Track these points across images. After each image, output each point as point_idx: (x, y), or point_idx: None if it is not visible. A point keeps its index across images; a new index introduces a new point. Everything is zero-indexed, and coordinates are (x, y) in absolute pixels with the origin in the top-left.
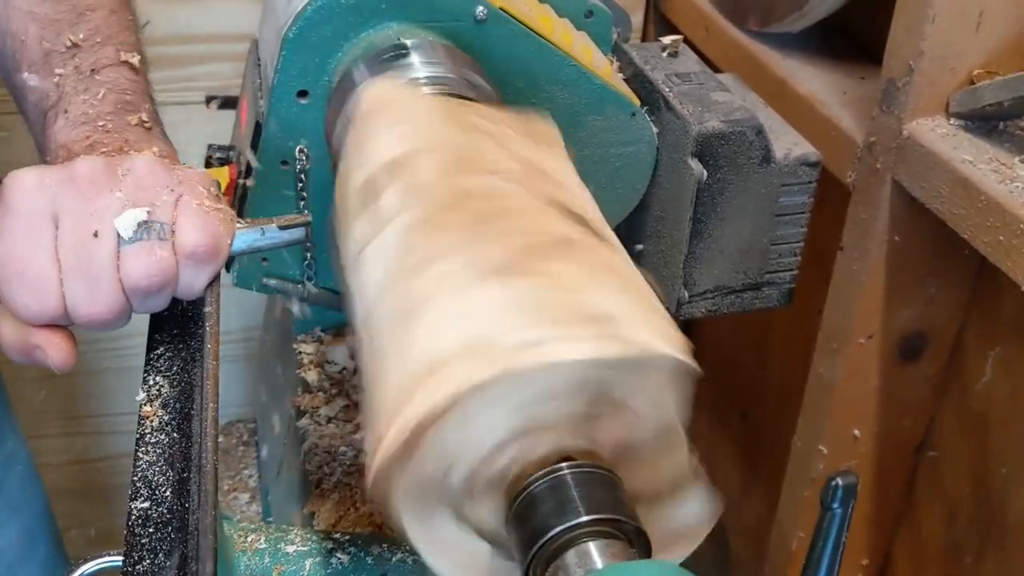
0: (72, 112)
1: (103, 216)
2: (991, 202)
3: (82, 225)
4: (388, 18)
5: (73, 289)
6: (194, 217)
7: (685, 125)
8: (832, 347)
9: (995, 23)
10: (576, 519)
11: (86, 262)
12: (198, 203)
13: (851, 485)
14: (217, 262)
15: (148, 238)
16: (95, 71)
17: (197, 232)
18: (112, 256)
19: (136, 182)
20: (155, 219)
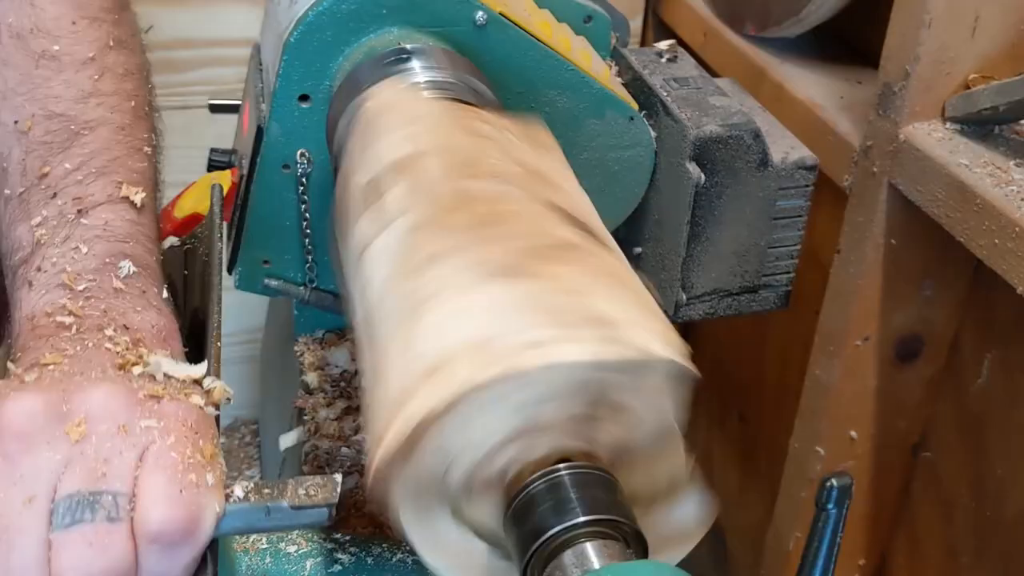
0: (46, 270)
1: (30, 488)
2: (987, 206)
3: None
4: (389, 23)
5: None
6: (164, 482)
7: (683, 129)
8: (829, 349)
9: (990, 28)
10: (573, 520)
11: (1, 555)
12: (172, 457)
13: (846, 486)
14: (195, 544)
15: (92, 519)
16: (82, 213)
17: (165, 505)
18: (38, 548)
19: (85, 432)
20: (105, 489)
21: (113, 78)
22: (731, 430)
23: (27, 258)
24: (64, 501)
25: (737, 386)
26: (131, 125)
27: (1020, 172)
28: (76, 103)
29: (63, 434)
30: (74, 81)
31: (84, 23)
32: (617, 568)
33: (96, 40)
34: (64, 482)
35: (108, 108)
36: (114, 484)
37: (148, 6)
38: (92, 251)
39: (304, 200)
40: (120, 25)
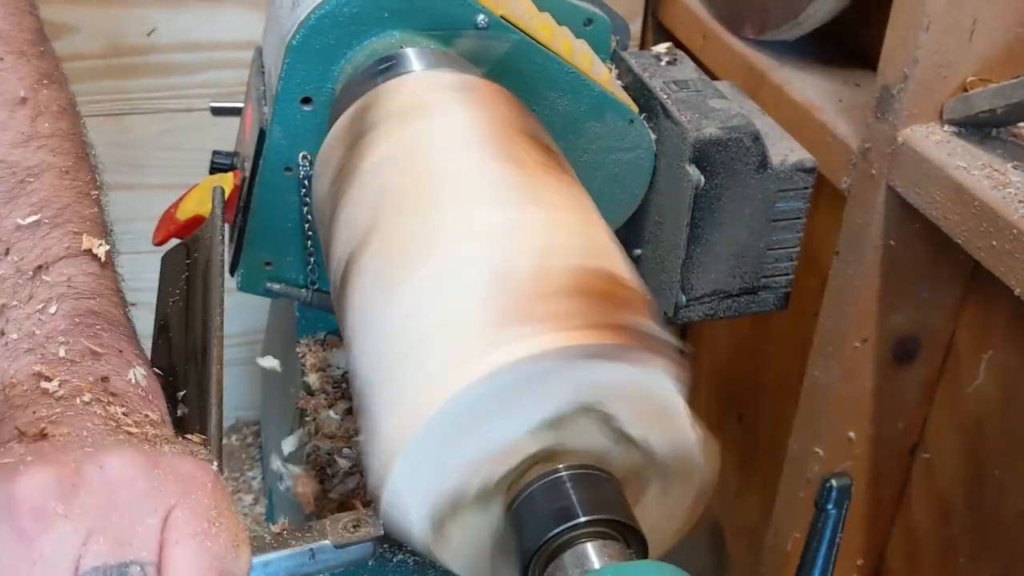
0: (10, 333)
1: (51, 567)
2: (984, 208)
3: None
4: (390, 26)
5: None
6: (192, 551)
7: (683, 132)
8: (828, 350)
9: (988, 32)
10: (574, 520)
11: None
12: (196, 522)
13: (845, 486)
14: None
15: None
16: (42, 269)
17: (194, 573)
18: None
19: (105, 500)
20: (132, 559)
21: (49, 117)
22: (730, 430)
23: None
24: (91, 574)
25: (736, 387)
26: (74, 168)
27: (1017, 174)
28: (14, 147)
29: (81, 506)
30: (9, 124)
31: (11, 59)
32: (617, 568)
33: (25, 77)
34: (87, 555)
35: (49, 151)
36: (140, 553)
37: (151, 9)
38: (60, 311)
39: (306, 202)
40: (45, 58)
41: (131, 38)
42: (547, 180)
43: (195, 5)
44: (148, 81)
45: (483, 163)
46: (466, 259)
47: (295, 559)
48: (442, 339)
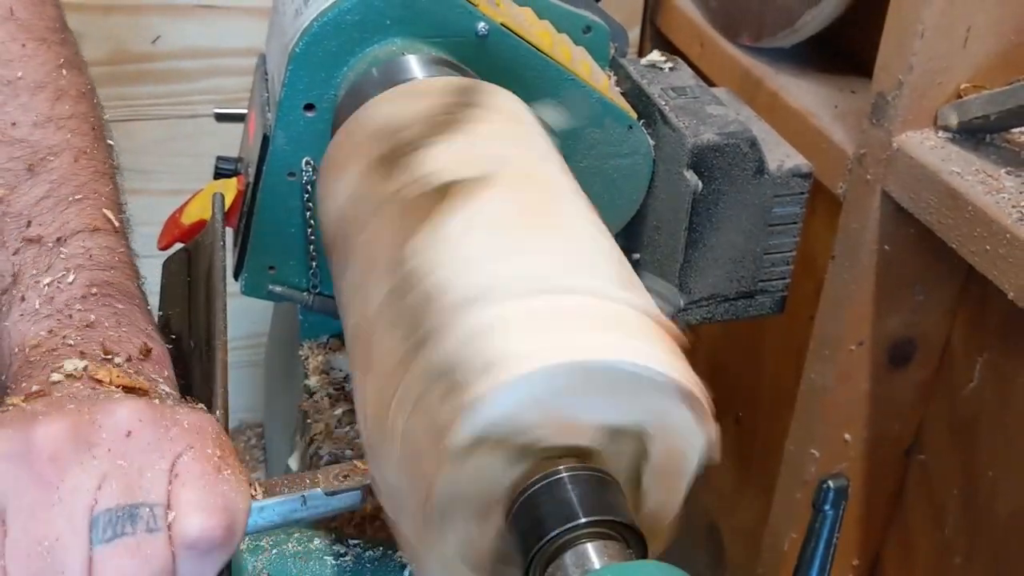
0: (31, 300)
1: (69, 508)
2: (978, 212)
3: (39, 524)
4: (392, 34)
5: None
6: (198, 490)
7: (681, 137)
8: (824, 353)
9: (982, 39)
10: (574, 521)
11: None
12: (202, 466)
13: (842, 487)
14: (230, 548)
15: (133, 531)
16: (61, 241)
17: (203, 512)
18: (82, 566)
19: (116, 448)
20: (143, 501)
21: (69, 100)
22: (728, 432)
23: (8, 288)
24: (104, 515)
25: (734, 389)
26: (92, 148)
27: (1011, 180)
28: (35, 128)
29: (95, 453)
30: (31, 105)
31: (33, 45)
32: (617, 568)
33: (47, 62)
34: (101, 499)
35: (69, 132)
36: (150, 496)
37: (156, 17)
38: (77, 280)
39: (309, 207)
40: (66, 45)
41: (136, 45)
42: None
43: (199, 13)
44: (153, 88)
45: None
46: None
47: (288, 505)
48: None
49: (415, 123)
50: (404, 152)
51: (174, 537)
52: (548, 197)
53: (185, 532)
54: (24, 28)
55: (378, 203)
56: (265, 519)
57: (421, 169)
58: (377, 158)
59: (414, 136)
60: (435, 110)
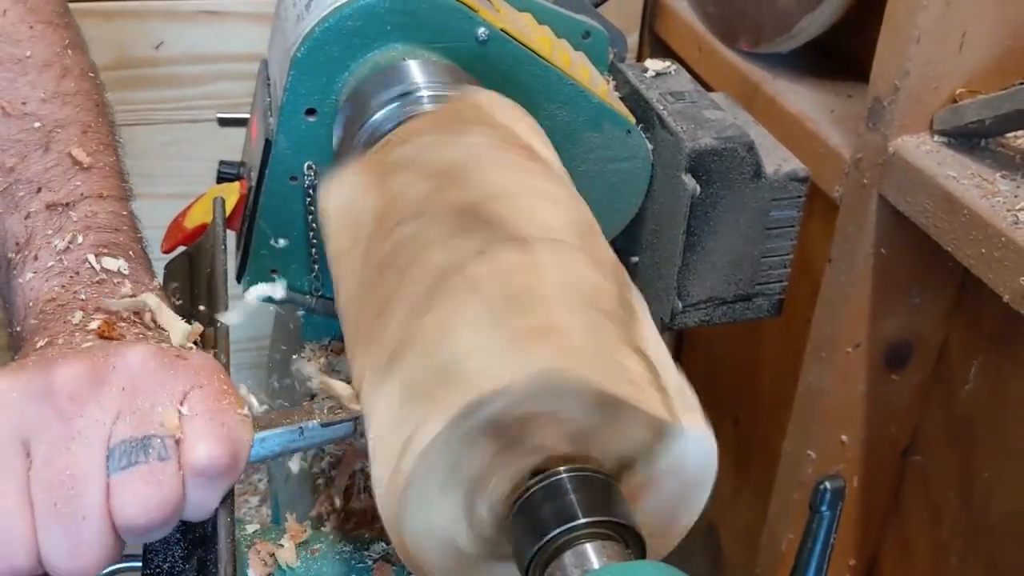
0: (43, 259)
1: (87, 440)
2: (974, 216)
3: (61, 454)
4: (393, 39)
5: (50, 538)
6: (205, 422)
7: (679, 142)
8: (821, 356)
9: (977, 44)
10: (573, 521)
11: (67, 502)
12: (208, 402)
13: (839, 489)
14: (235, 474)
15: (146, 460)
16: (70, 205)
17: (210, 442)
18: (100, 491)
19: (129, 387)
20: (154, 433)
21: (74, 78)
22: (726, 434)
23: (21, 248)
24: (119, 447)
25: (731, 391)
26: (95, 122)
27: (1006, 183)
28: (44, 103)
29: (110, 391)
30: (38, 82)
31: (40, 27)
32: (616, 568)
33: (54, 43)
34: (116, 432)
35: (74, 107)
36: (161, 429)
37: (159, 22)
38: (86, 241)
39: (311, 211)
40: (70, 28)
41: (139, 50)
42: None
43: (202, 18)
44: (156, 93)
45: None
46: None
47: (287, 435)
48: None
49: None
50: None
51: (184, 464)
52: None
53: (194, 460)
54: (32, 11)
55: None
56: (266, 449)
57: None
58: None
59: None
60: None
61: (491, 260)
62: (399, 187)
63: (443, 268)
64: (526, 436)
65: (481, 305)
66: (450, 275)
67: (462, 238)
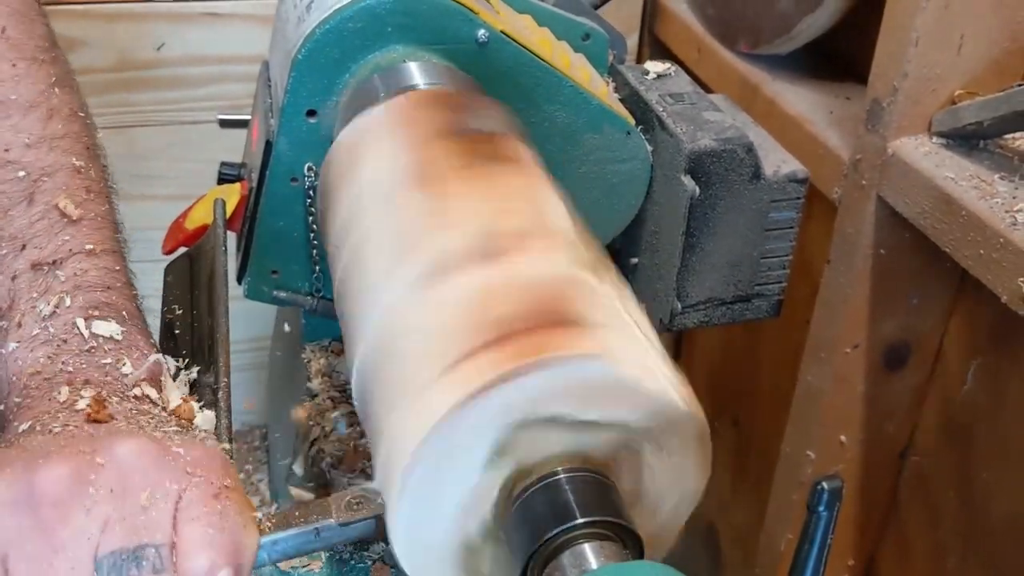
0: (27, 326)
1: (72, 555)
2: (972, 217)
3: (42, 572)
4: (393, 41)
5: None
6: (203, 527)
7: (678, 143)
8: (819, 356)
9: (975, 46)
10: (571, 521)
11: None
12: (207, 502)
13: (836, 489)
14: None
15: (138, 574)
16: (57, 264)
17: (209, 551)
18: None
19: (118, 488)
20: (147, 542)
21: (61, 119)
22: (724, 435)
23: (4, 314)
24: (108, 559)
25: (730, 392)
26: (86, 167)
27: (1004, 185)
28: (28, 148)
29: (96, 494)
30: (23, 126)
31: (24, 65)
32: (614, 568)
33: (39, 81)
34: (104, 542)
35: (62, 152)
36: (155, 536)
37: (160, 24)
38: (75, 303)
39: (311, 212)
40: (57, 64)
41: (140, 52)
42: (457, 187)
43: (203, 20)
44: (157, 94)
45: (389, 213)
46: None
47: (301, 537)
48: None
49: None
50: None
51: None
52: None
53: (191, 570)
54: (14, 47)
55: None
56: (278, 552)
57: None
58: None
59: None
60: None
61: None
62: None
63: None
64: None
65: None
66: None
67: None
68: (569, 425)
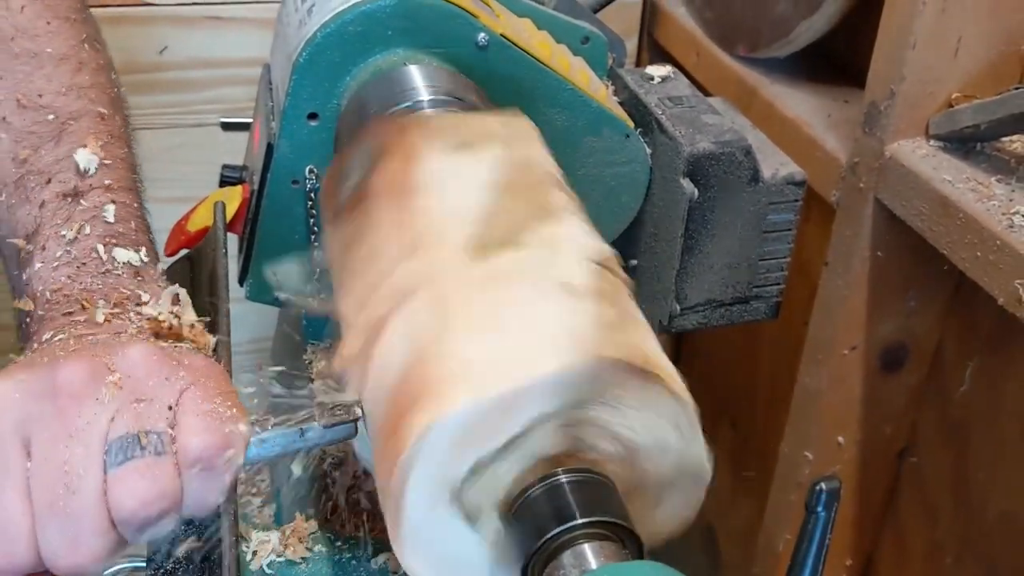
0: (51, 249)
1: (86, 438)
2: (969, 219)
3: (59, 451)
4: (394, 44)
5: (49, 534)
6: (199, 417)
7: (677, 146)
8: (817, 358)
9: (972, 50)
10: (572, 522)
11: (64, 499)
12: (204, 398)
13: (835, 489)
14: (231, 468)
15: (141, 455)
16: (80, 195)
17: (203, 434)
18: (97, 489)
19: (127, 385)
20: (150, 428)
21: (89, 72)
22: (723, 436)
23: (30, 239)
24: (116, 442)
25: (729, 393)
26: (110, 115)
27: (1001, 187)
28: (58, 95)
29: (108, 389)
30: (54, 75)
31: (57, 23)
32: (614, 568)
33: (70, 38)
34: (114, 428)
35: (88, 100)
36: (157, 425)
37: (164, 28)
38: (94, 232)
39: (312, 214)
40: (87, 24)
41: (144, 56)
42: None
43: (206, 24)
44: (160, 97)
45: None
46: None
47: (288, 437)
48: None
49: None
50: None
51: (179, 457)
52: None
53: (187, 451)
54: (49, 8)
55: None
56: (267, 450)
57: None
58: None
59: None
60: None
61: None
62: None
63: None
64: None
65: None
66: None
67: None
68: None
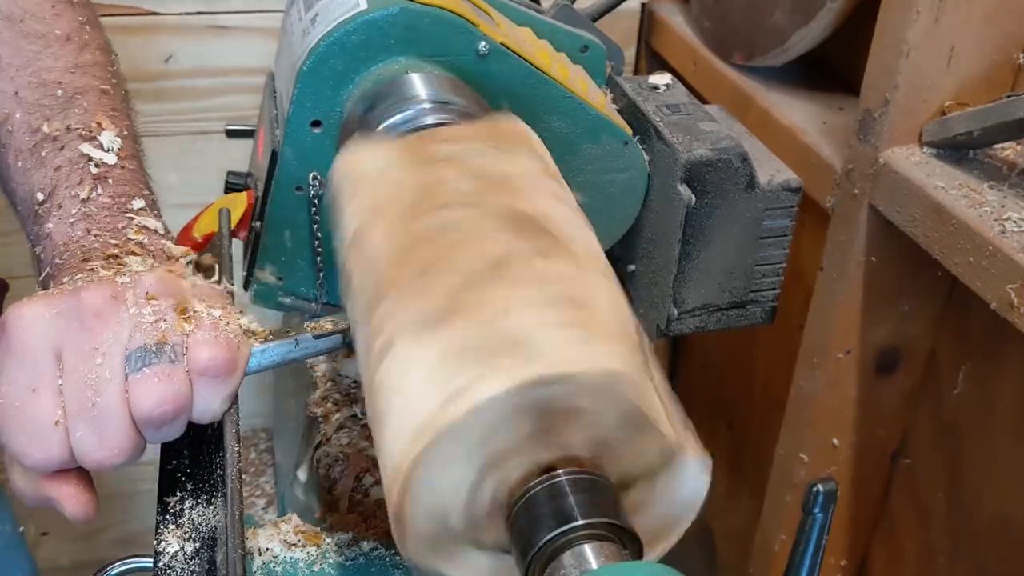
0: (67, 207)
1: (109, 350)
2: (962, 225)
3: (86, 362)
4: (396, 53)
5: (79, 433)
6: (207, 331)
7: (675, 153)
8: (812, 361)
9: (965, 58)
10: (572, 523)
11: (92, 403)
12: (212, 317)
13: (831, 491)
14: (234, 378)
15: (158, 362)
16: (90, 161)
17: (211, 346)
18: (120, 393)
19: (143, 308)
20: (165, 341)
21: (91, 51)
22: (720, 438)
23: (47, 199)
24: (136, 352)
25: (725, 396)
26: (112, 91)
27: (993, 194)
28: (65, 72)
29: (127, 309)
30: (60, 55)
31: (61, 6)
32: (614, 569)
33: (72, 20)
34: (133, 341)
35: (92, 77)
36: (172, 337)
37: (169, 37)
38: (104, 192)
39: (315, 220)
40: (87, 7)
41: (149, 64)
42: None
43: (210, 33)
44: (166, 105)
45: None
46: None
47: (284, 346)
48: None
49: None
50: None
51: (190, 366)
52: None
53: (197, 360)
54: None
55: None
56: (267, 359)
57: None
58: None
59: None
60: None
61: (553, 263)
62: (444, 177)
63: (503, 256)
64: (559, 429)
65: (548, 295)
66: (515, 263)
67: (518, 238)
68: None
